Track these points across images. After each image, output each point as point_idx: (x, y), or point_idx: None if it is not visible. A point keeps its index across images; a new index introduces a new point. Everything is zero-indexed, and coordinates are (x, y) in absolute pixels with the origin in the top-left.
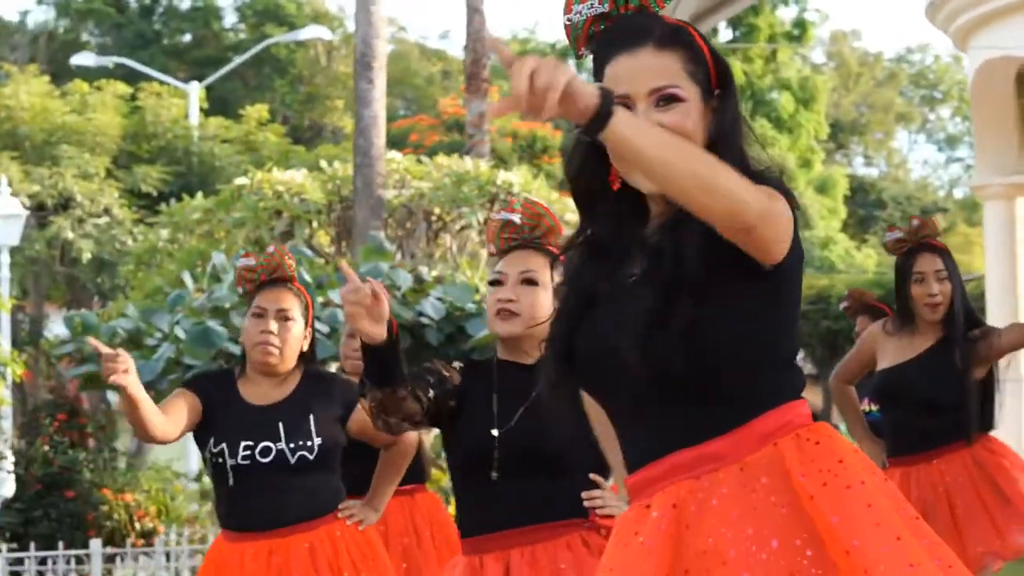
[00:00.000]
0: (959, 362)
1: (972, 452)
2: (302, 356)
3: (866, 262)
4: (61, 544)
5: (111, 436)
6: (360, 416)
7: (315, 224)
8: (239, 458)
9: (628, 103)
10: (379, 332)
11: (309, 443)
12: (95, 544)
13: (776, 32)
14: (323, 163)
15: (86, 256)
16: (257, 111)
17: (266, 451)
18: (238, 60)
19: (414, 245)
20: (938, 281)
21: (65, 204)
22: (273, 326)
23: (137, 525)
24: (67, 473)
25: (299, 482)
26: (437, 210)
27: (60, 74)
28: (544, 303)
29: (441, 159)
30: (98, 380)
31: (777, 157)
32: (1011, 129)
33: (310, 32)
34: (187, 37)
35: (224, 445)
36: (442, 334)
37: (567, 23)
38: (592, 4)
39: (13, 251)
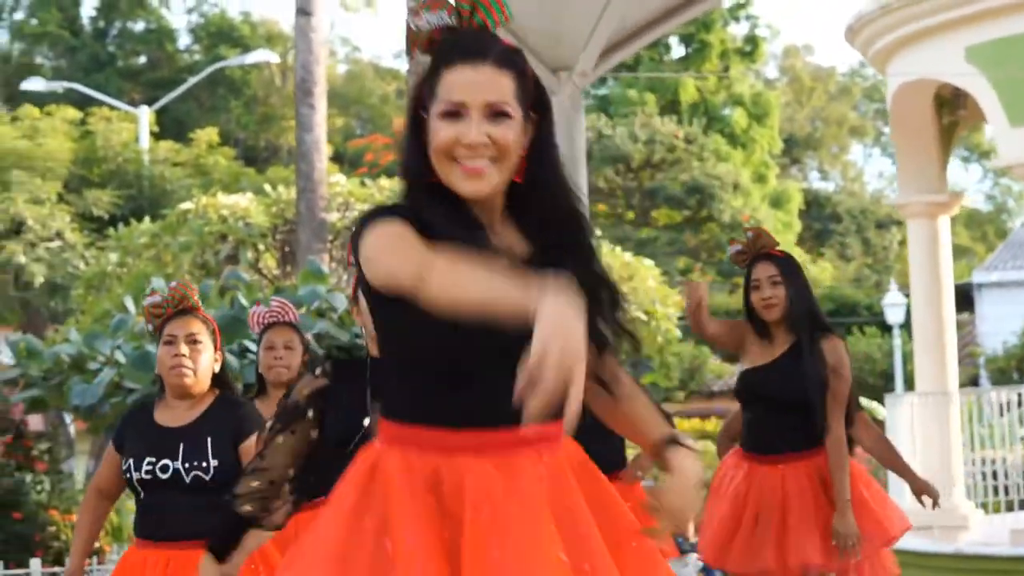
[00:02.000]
0: (808, 367)
1: (818, 463)
2: (216, 380)
3: (822, 275)
4: (2, 564)
5: (58, 458)
6: (249, 448)
7: (260, 247)
8: (143, 472)
9: (462, 110)
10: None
11: (204, 464)
12: (35, 563)
13: (728, 48)
14: (267, 187)
15: (39, 280)
16: (207, 134)
17: (164, 468)
18: (191, 82)
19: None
20: (771, 285)
21: (17, 229)
22: (184, 350)
23: None
24: (13, 495)
25: (197, 500)
26: None
27: (14, 98)
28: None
29: (384, 181)
30: (43, 403)
31: (731, 172)
32: (931, 149)
33: (258, 56)
34: (142, 59)
35: (131, 461)
36: None
37: (413, 27)
38: (441, 16)
39: None
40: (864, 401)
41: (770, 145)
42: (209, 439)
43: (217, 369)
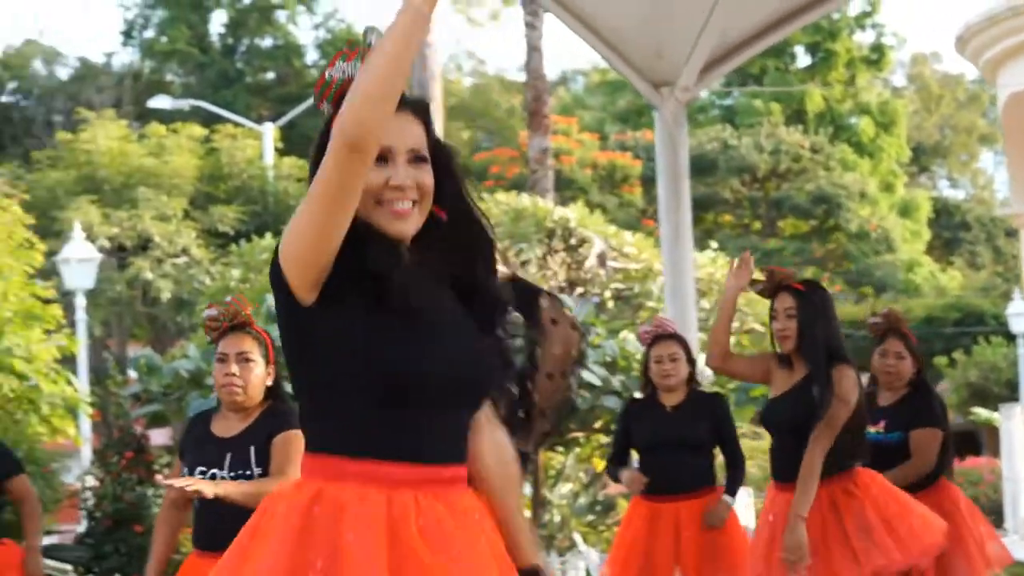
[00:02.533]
0: (817, 396)
1: (829, 491)
2: (269, 392)
3: (951, 284)
4: None
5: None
6: (278, 444)
7: None
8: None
9: (388, 155)
10: None
11: (248, 472)
12: None
13: (854, 57)
14: None
15: (165, 296)
16: None
17: (213, 478)
18: None
19: None
20: (786, 318)
21: (144, 245)
22: (235, 368)
23: None
24: (135, 508)
25: (246, 510)
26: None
27: (143, 115)
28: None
29: (500, 196)
30: (163, 418)
31: (858, 181)
32: None
33: None
34: (270, 75)
35: (186, 469)
36: None
37: (327, 77)
38: (356, 66)
39: (95, 292)
40: (986, 412)
41: (898, 154)
42: (252, 448)
43: (270, 382)
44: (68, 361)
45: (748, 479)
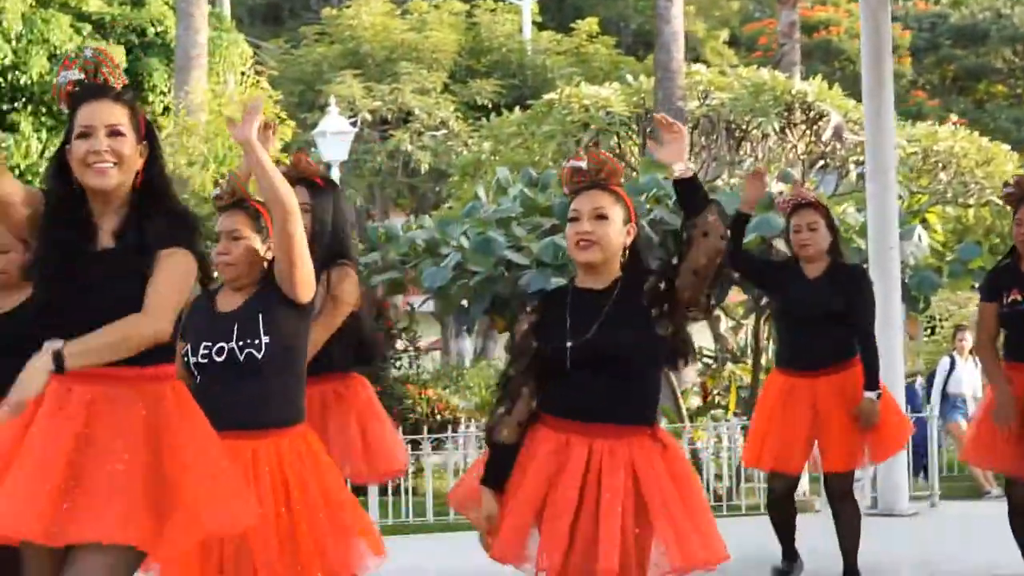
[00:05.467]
0: None
1: None
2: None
3: None
4: None
5: (414, 338)
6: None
7: (621, 136)
8: (199, 356)
9: (90, 131)
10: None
11: (257, 341)
12: None
13: None
14: (628, 77)
15: (424, 167)
16: (588, 24)
17: (220, 351)
18: None
19: (717, 153)
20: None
21: (405, 118)
22: (226, 246)
23: (438, 417)
24: (374, 370)
25: (250, 387)
26: (736, 120)
27: None
28: (613, 234)
29: (742, 71)
30: (400, 286)
31: None
32: None
33: None
34: None
35: (190, 347)
36: None
37: (55, 84)
38: (74, 72)
39: (358, 163)
40: None
41: None
42: (261, 316)
43: (270, 256)
44: None
45: None
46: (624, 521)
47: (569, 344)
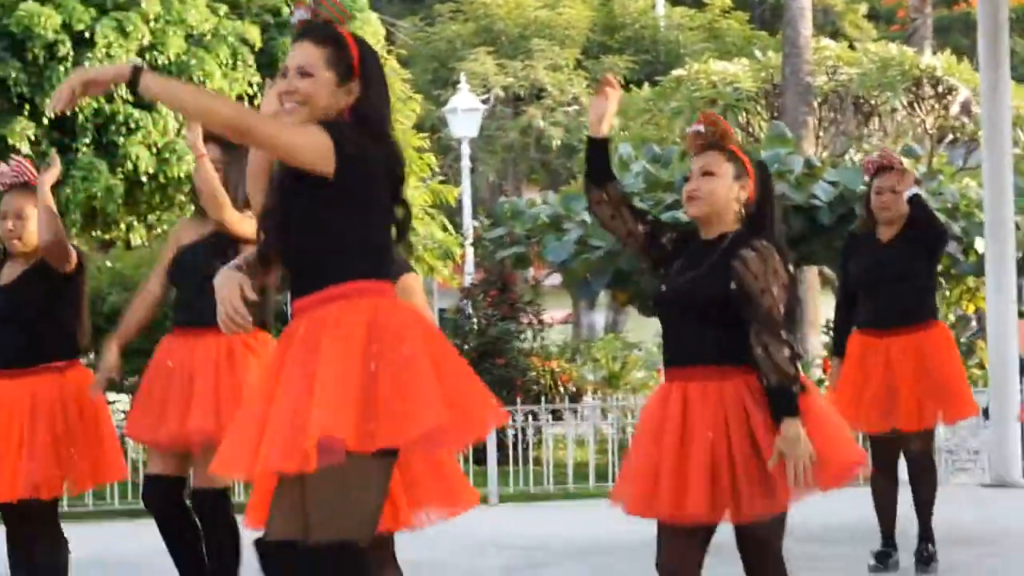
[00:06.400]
0: None
1: None
2: None
3: None
4: None
5: (538, 311)
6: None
7: (749, 111)
8: None
9: (285, 72)
10: None
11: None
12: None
13: None
14: (757, 53)
15: (556, 143)
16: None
17: None
18: None
19: (845, 128)
20: None
21: (537, 94)
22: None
23: (561, 389)
24: (499, 343)
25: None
26: (864, 95)
27: None
28: (719, 189)
29: (870, 46)
30: (525, 260)
31: None
32: None
33: None
34: None
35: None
36: (834, 214)
37: (292, 21)
38: (302, 13)
39: (490, 139)
40: None
41: None
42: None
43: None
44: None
45: None
46: (720, 457)
47: (663, 288)
